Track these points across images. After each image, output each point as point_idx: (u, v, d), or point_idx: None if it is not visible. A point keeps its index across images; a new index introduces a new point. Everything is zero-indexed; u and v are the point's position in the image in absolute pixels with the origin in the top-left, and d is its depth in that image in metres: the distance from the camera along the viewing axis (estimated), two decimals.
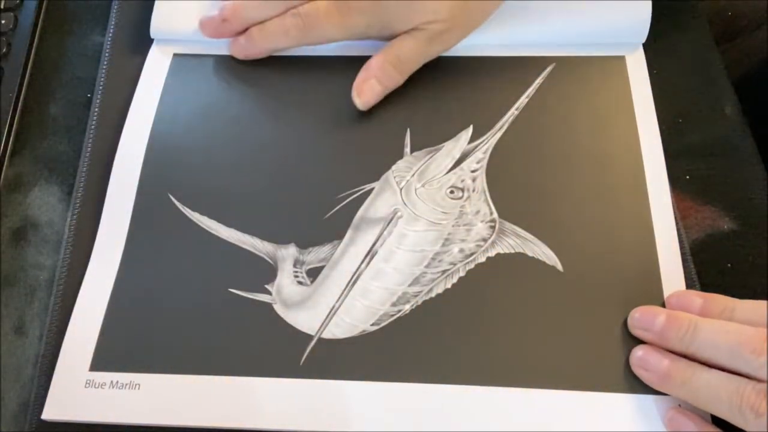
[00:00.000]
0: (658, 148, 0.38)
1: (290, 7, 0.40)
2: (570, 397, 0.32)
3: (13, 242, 0.38)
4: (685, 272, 0.35)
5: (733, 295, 0.32)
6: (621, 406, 0.32)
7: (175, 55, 0.42)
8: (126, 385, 0.33)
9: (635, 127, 0.39)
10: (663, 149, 0.38)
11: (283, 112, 0.40)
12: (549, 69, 0.40)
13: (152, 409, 0.32)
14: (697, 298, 0.33)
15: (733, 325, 0.31)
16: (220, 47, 0.42)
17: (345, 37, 0.40)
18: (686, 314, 0.32)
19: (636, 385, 0.32)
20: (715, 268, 0.36)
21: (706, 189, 0.38)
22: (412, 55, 0.39)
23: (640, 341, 0.33)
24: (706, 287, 0.35)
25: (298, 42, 0.40)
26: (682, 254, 0.35)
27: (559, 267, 0.35)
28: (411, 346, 0.33)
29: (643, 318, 0.33)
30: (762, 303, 0.31)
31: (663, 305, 0.34)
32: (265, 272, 0.36)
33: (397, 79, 0.39)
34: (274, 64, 0.42)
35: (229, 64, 0.42)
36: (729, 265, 0.36)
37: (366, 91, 0.39)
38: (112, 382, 0.33)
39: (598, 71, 0.40)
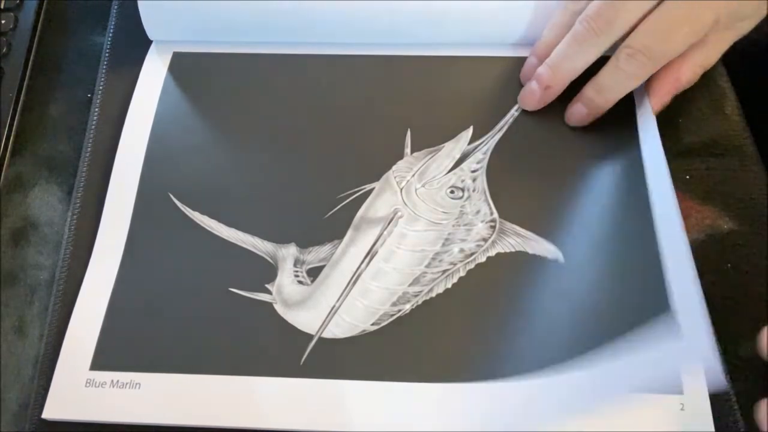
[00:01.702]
0: (658, 148, 0.38)
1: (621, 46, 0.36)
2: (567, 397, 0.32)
3: (13, 242, 0.38)
4: None
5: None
6: (622, 403, 0.32)
7: (174, 53, 0.42)
8: (126, 384, 0.33)
9: (635, 127, 0.39)
10: (663, 149, 0.38)
11: (284, 111, 0.40)
12: None
13: (152, 409, 0.32)
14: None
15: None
16: (220, 46, 0.42)
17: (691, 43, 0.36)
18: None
19: (639, 382, 0.32)
20: (715, 268, 0.36)
21: (706, 189, 0.38)
22: (717, 58, 0.38)
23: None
24: (706, 287, 0.35)
25: (644, 79, 0.37)
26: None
27: (561, 260, 0.35)
28: (411, 346, 0.33)
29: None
30: None
31: (666, 301, 0.34)
32: (265, 272, 0.35)
33: None
34: (274, 62, 0.42)
35: (229, 63, 0.42)
36: (729, 265, 0.36)
37: (666, 102, 0.38)
38: (112, 381, 0.33)
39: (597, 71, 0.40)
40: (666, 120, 0.39)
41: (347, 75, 0.41)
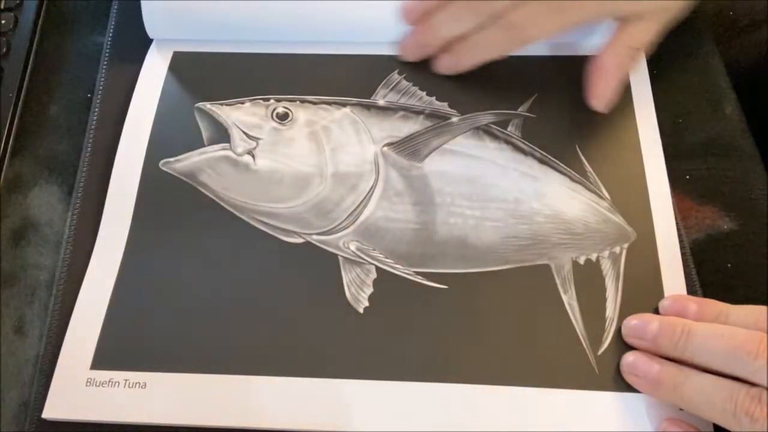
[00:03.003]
0: (658, 148, 0.38)
1: (491, 16, 0.37)
2: (567, 397, 0.32)
3: (13, 242, 0.38)
4: (685, 272, 0.35)
5: (733, 296, 0.32)
6: (618, 405, 0.32)
7: (175, 53, 0.42)
8: (127, 383, 0.33)
9: (635, 127, 0.39)
10: (663, 149, 0.38)
11: None
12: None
13: (154, 408, 0.32)
14: (692, 303, 0.32)
15: (726, 328, 0.30)
16: (221, 45, 0.42)
17: (559, 35, 0.38)
18: (680, 319, 0.32)
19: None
20: (715, 268, 0.36)
21: (706, 189, 0.38)
22: (647, 39, 0.38)
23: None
24: (706, 287, 0.35)
25: (508, 52, 0.39)
26: (682, 254, 0.35)
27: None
28: (411, 345, 0.33)
29: (636, 326, 0.33)
30: (756, 308, 0.31)
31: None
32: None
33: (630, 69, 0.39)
34: (275, 62, 0.42)
35: (229, 62, 0.42)
36: (729, 265, 0.36)
37: (607, 94, 0.38)
38: (112, 380, 0.33)
39: None
40: (666, 120, 0.39)
41: (351, 75, 0.41)
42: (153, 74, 0.41)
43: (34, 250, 0.38)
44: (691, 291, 0.34)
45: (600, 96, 0.38)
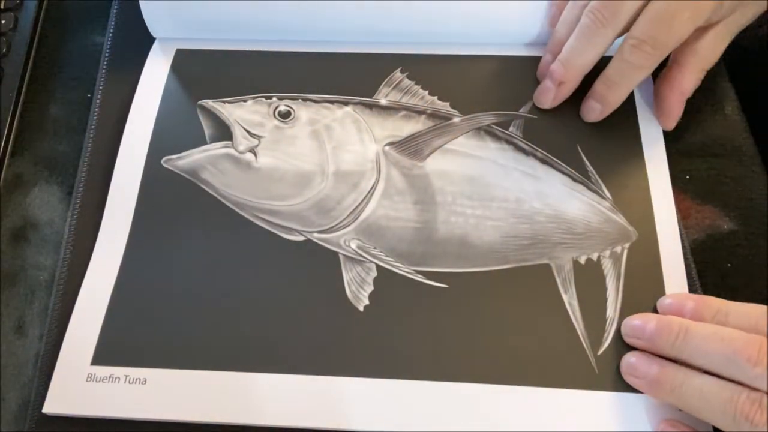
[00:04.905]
0: (660, 148, 0.38)
1: (625, 36, 0.36)
2: (567, 397, 0.32)
3: (13, 242, 0.38)
4: (686, 272, 0.35)
5: (733, 296, 0.32)
6: (618, 405, 0.32)
7: (177, 50, 0.42)
8: (127, 379, 0.33)
9: (637, 126, 0.39)
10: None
11: None
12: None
13: (155, 404, 0.32)
14: (689, 300, 0.32)
15: (726, 330, 0.30)
16: (224, 43, 0.42)
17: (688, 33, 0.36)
18: (677, 319, 0.31)
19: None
20: (715, 268, 0.36)
21: (706, 189, 0.38)
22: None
23: None
24: (706, 287, 0.35)
25: (653, 69, 0.36)
26: (684, 254, 0.35)
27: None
28: (410, 344, 0.33)
29: (634, 326, 0.33)
30: (756, 307, 0.31)
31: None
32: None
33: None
34: (278, 59, 0.42)
35: (232, 60, 0.42)
36: (729, 265, 0.36)
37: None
38: (112, 376, 0.33)
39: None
40: None
41: (353, 72, 0.41)
42: (155, 72, 0.41)
43: (34, 250, 0.38)
44: (692, 291, 0.35)
45: (675, 119, 0.38)
